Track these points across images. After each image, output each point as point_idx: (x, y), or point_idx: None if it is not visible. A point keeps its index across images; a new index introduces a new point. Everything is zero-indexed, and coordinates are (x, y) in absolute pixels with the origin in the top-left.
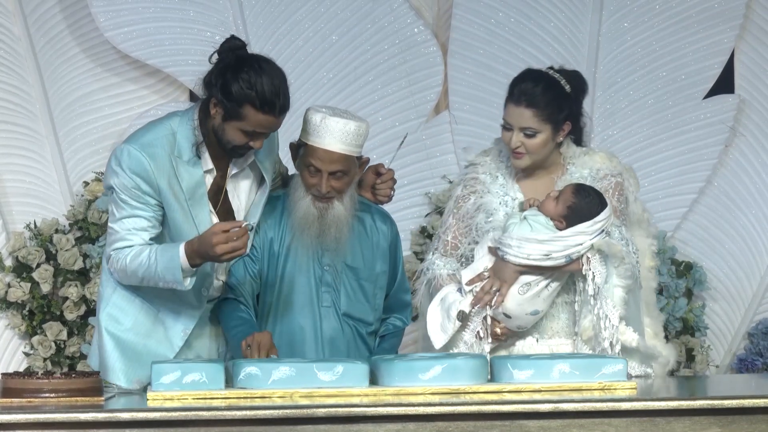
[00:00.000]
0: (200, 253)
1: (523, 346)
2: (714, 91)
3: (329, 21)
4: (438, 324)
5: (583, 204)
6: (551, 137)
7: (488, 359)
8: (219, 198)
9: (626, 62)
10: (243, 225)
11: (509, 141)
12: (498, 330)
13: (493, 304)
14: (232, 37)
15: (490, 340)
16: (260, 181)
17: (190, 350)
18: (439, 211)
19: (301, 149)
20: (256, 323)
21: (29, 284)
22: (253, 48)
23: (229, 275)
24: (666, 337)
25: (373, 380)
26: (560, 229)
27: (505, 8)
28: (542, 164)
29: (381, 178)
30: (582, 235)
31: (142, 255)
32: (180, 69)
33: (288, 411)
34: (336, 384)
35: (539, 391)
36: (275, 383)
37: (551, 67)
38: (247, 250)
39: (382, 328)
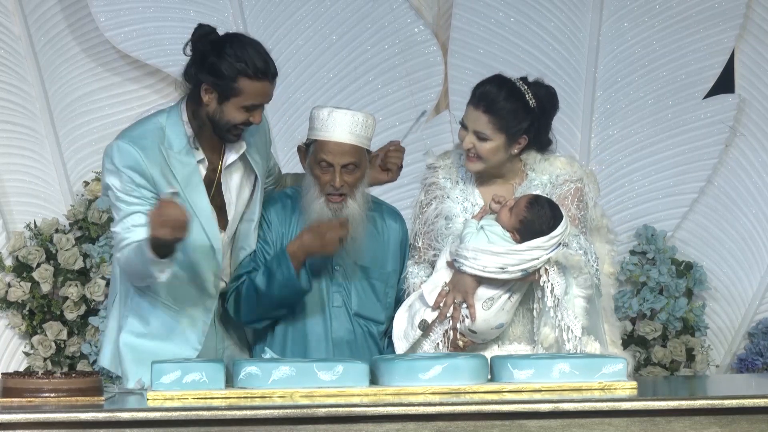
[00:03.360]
0: (162, 246)
1: (484, 352)
2: (714, 90)
3: (329, 21)
4: (402, 330)
5: (534, 218)
6: (504, 147)
7: (488, 359)
8: (211, 192)
9: (626, 62)
10: (164, 196)
11: (462, 140)
12: (461, 343)
13: (464, 318)
14: (200, 25)
15: (461, 344)
16: (250, 177)
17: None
18: None
19: (310, 148)
20: (266, 333)
21: (29, 284)
22: None
23: (241, 267)
24: (665, 340)
25: (374, 380)
26: (516, 241)
27: (506, 8)
28: (498, 172)
29: (392, 146)
30: (538, 250)
31: (130, 252)
32: (180, 69)
33: (288, 411)
34: (336, 384)
35: (539, 390)
36: (275, 383)
37: (524, 78)
38: (186, 216)
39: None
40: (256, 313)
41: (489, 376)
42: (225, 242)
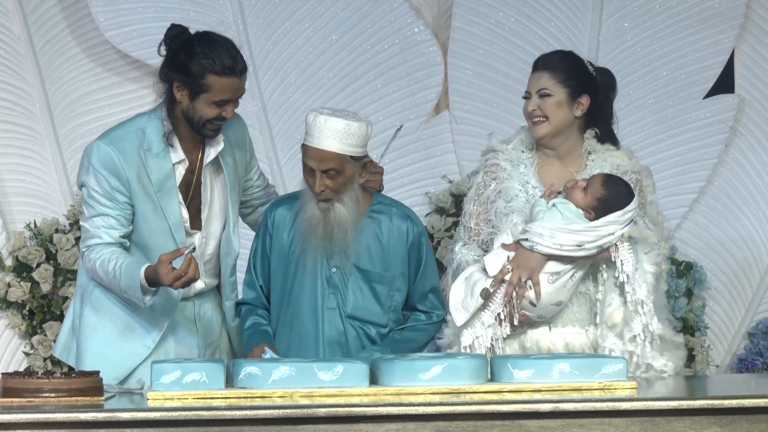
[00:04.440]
0: (157, 281)
1: (535, 334)
2: (714, 90)
3: (329, 21)
4: (459, 301)
5: (612, 195)
6: (566, 103)
7: (488, 359)
8: (189, 193)
9: (626, 62)
10: (185, 253)
11: (526, 108)
12: (516, 319)
13: (528, 296)
14: (173, 25)
15: (516, 322)
16: (224, 180)
17: (171, 348)
18: (439, 211)
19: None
20: (270, 325)
21: (29, 284)
22: (254, 48)
23: (244, 281)
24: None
25: (374, 380)
26: (589, 219)
27: (505, 8)
28: (559, 149)
29: (371, 169)
30: (614, 225)
31: (110, 265)
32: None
33: (288, 411)
34: (336, 384)
35: (539, 390)
36: (275, 383)
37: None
38: (198, 275)
39: (406, 322)
40: None
41: (489, 376)
42: (201, 243)
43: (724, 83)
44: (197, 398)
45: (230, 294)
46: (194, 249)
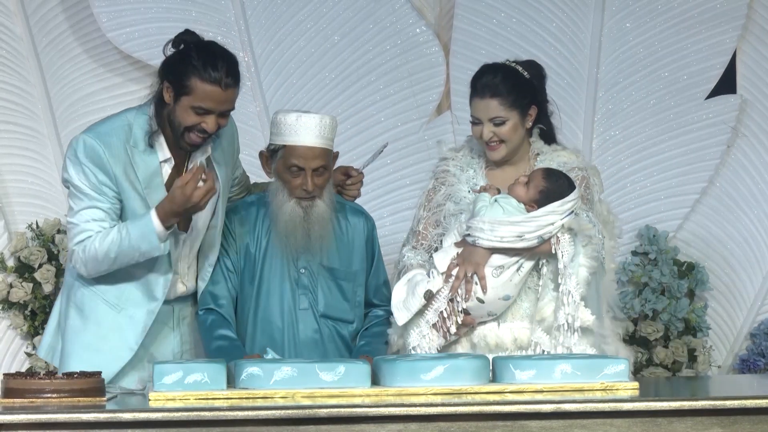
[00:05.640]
0: (175, 211)
1: (484, 330)
2: (716, 91)
3: (331, 21)
4: (401, 301)
5: (554, 187)
6: (520, 122)
7: (490, 359)
8: None
9: (628, 62)
10: (196, 168)
11: (480, 135)
12: (459, 319)
13: (475, 291)
14: (187, 30)
15: (459, 320)
16: (215, 181)
17: (146, 351)
18: None
19: (278, 153)
20: (236, 333)
21: (31, 284)
22: (255, 48)
23: (210, 283)
24: (663, 338)
25: (375, 380)
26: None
27: (507, 8)
28: (515, 153)
29: (350, 180)
30: (553, 215)
31: (112, 233)
32: None
33: (290, 411)
34: (338, 384)
35: (541, 391)
36: (277, 383)
37: (507, 60)
38: (219, 187)
39: (365, 321)
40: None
41: (490, 377)
42: (186, 244)
43: (726, 84)
44: (199, 399)
45: None
46: (203, 164)
